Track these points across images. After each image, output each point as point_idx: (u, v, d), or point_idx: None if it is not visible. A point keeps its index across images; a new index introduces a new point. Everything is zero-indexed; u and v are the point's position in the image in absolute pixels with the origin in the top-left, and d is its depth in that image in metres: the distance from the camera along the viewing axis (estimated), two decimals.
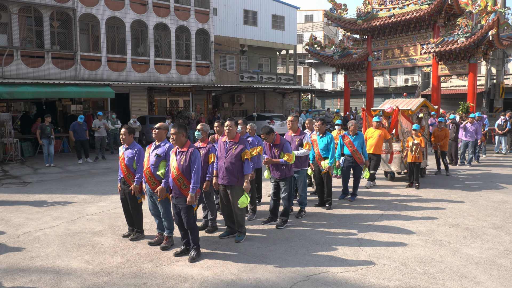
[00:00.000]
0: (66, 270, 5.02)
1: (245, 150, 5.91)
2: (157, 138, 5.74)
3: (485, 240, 6.09)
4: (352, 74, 24.38)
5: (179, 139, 5.28)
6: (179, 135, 5.26)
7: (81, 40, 19.76)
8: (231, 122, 5.98)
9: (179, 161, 5.27)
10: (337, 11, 23.33)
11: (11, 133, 14.64)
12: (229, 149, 5.95)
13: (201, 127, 6.60)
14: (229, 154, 5.92)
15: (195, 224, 5.39)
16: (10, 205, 8.39)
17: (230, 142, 5.98)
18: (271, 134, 6.50)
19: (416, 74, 35.13)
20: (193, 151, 5.25)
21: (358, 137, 8.54)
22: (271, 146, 6.62)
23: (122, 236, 6.26)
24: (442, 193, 9.22)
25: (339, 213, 7.64)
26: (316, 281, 4.68)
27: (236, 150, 5.90)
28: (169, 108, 24.46)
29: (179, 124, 5.34)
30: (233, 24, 28.96)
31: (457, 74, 19.60)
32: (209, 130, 6.67)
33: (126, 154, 5.99)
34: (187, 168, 5.22)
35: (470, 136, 13.11)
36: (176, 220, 5.51)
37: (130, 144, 6.04)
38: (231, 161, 5.89)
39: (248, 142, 6.18)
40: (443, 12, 19.06)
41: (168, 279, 4.75)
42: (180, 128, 5.28)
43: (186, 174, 5.24)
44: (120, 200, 6.27)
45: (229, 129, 5.96)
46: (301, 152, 7.06)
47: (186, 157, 5.24)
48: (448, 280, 4.71)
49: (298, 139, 7.15)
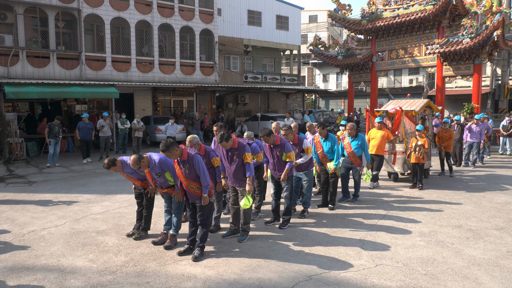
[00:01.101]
0: (70, 269, 5.07)
1: (245, 153, 5.94)
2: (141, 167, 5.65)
3: (488, 241, 6.09)
4: (356, 74, 24.36)
5: (173, 156, 5.29)
6: (170, 154, 5.25)
7: (86, 41, 19.86)
8: (222, 139, 5.82)
9: (183, 171, 5.34)
10: (341, 11, 23.32)
11: (16, 133, 14.74)
12: (232, 156, 6.03)
13: (188, 144, 6.25)
14: (233, 162, 6.02)
15: (209, 221, 5.50)
16: (15, 204, 8.47)
17: (231, 150, 6.03)
18: (271, 135, 6.46)
19: (420, 74, 35.04)
20: (194, 157, 5.31)
21: (357, 139, 8.41)
22: (271, 148, 6.64)
23: (126, 235, 6.32)
24: (446, 194, 9.21)
25: (342, 213, 7.66)
26: (318, 281, 4.70)
27: (238, 156, 5.98)
28: (173, 108, 24.52)
29: (166, 144, 5.19)
30: (237, 24, 28.99)
31: (462, 75, 19.53)
32: (198, 142, 6.29)
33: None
34: (193, 174, 5.33)
35: (475, 137, 13.07)
36: (190, 215, 5.57)
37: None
38: (237, 168, 6.01)
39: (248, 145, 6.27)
40: (448, 12, 18.99)
41: (171, 278, 4.79)
42: (168, 148, 5.18)
43: (195, 179, 5.36)
44: (135, 198, 6.44)
45: (225, 145, 5.92)
46: (304, 159, 7.03)
47: (189, 164, 5.31)
48: (450, 281, 4.72)
49: (297, 148, 7.02)
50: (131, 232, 6.36)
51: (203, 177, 5.30)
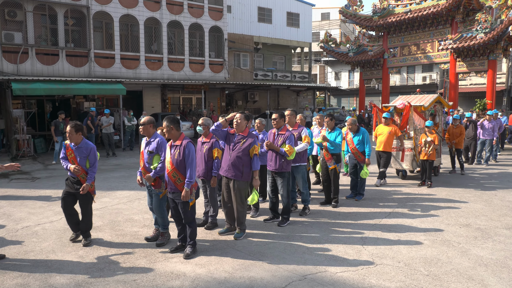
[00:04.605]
0: (58, 265, 4.92)
1: (254, 146, 5.69)
2: (145, 134, 5.56)
3: (497, 241, 5.77)
4: (368, 71, 23.96)
5: (170, 133, 5.12)
6: (169, 128, 5.10)
7: (95, 38, 19.85)
8: (240, 115, 5.77)
9: (173, 155, 5.12)
10: (352, 7, 22.96)
11: (23, 130, 14.77)
12: (237, 142, 5.73)
13: (202, 121, 6.45)
14: (236, 147, 5.71)
15: (193, 218, 5.24)
16: (15, 200, 8.39)
17: (238, 136, 5.78)
18: (282, 119, 6.40)
19: (434, 72, 34.36)
20: (187, 144, 5.08)
21: (358, 134, 8.12)
22: (275, 135, 6.43)
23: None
24: (455, 192, 8.87)
25: (345, 211, 7.39)
26: (313, 281, 4.47)
27: (244, 144, 5.68)
28: (182, 106, 24.43)
29: (170, 117, 5.16)
30: (247, 21, 28.75)
31: (476, 71, 19.03)
32: (211, 124, 6.51)
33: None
34: (181, 162, 5.06)
35: (487, 134, 12.63)
36: (173, 215, 5.37)
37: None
38: (238, 155, 5.68)
39: (257, 137, 6.00)
40: (462, 7, 18.52)
41: (159, 276, 4.60)
42: (170, 122, 5.10)
43: (180, 168, 5.08)
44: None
45: (237, 122, 5.75)
46: (300, 147, 6.82)
47: (180, 151, 5.08)
48: (454, 282, 4.44)
49: (296, 133, 6.89)
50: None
51: (190, 168, 5.04)
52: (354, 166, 8.31)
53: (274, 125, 6.48)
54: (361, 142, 8.03)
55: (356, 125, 8.22)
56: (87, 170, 5.58)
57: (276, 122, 6.43)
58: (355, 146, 8.06)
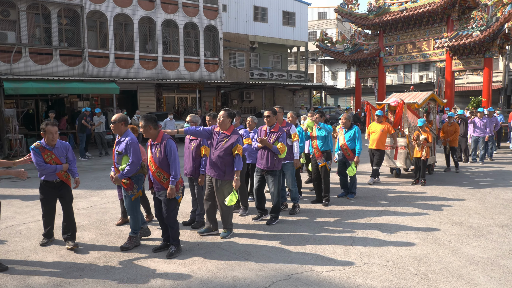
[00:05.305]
0: (38, 265, 4.80)
1: (237, 145, 5.52)
2: (117, 133, 5.32)
3: (489, 239, 5.66)
4: (364, 70, 23.86)
5: (148, 132, 4.97)
6: (146, 128, 4.95)
7: (89, 37, 19.71)
8: (224, 112, 5.63)
9: (154, 154, 4.99)
10: (348, 6, 22.85)
11: (16, 129, 14.63)
12: (220, 141, 5.59)
13: (190, 118, 6.34)
14: (218, 146, 5.57)
15: (175, 219, 5.10)
16: (2, 199, 8.22)
17: (222, 134, 5.64)
18: (275, 116, 6.32)
19: (431, 70, 34.27)
20: (167, 142, 4.96)
21: (350, 131, 7.96)
22: (266, 133, 6.32)
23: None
24: (449, 190, 8.76)
25: (336, 209, 7.27)
26: (298, 280, 4.35)
27: (226, 144, 5.53)
28: (177, 105, 24.30)
29: (146, 116, 4.99)
30: (243, 20, 28.61)
31: (472, 69, 18.95)
32: (199, 121, 6.42)
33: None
34: (163, 160, 4.94)
35: (480, 132, 12.52)
36: (157, 215, 5.24)
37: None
38: (219, 155, 5.53)
39: (241, 136, 5.84)
40: (457, 5, 18.43)
41: (140, 275, 4.48)
42: (147, 121, 4.93)
43: (163, 167, 4.96)
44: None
45: (220, 120, 5.62)
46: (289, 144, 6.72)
47: (161, 149, 4.96)
48: (443, 282, 4.33)
49: (285, 129, 6.74)
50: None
51: (173, 165, 4.92)
52: (343, 165, 8.06)
53: (266, 122, 6.36)
54: (352, 139, 7.85)
55: (349, 121, 8.09)
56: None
57: (269, 120, 6.31)
58: (345, 142, 7.91)
